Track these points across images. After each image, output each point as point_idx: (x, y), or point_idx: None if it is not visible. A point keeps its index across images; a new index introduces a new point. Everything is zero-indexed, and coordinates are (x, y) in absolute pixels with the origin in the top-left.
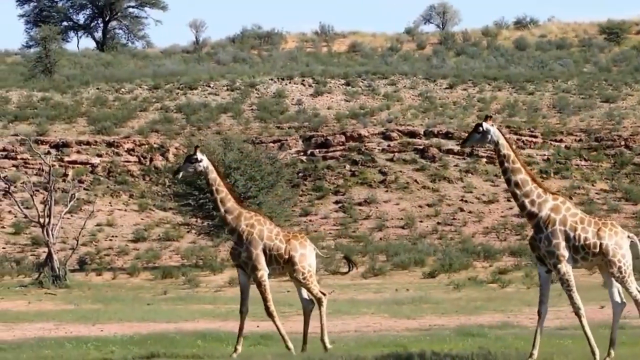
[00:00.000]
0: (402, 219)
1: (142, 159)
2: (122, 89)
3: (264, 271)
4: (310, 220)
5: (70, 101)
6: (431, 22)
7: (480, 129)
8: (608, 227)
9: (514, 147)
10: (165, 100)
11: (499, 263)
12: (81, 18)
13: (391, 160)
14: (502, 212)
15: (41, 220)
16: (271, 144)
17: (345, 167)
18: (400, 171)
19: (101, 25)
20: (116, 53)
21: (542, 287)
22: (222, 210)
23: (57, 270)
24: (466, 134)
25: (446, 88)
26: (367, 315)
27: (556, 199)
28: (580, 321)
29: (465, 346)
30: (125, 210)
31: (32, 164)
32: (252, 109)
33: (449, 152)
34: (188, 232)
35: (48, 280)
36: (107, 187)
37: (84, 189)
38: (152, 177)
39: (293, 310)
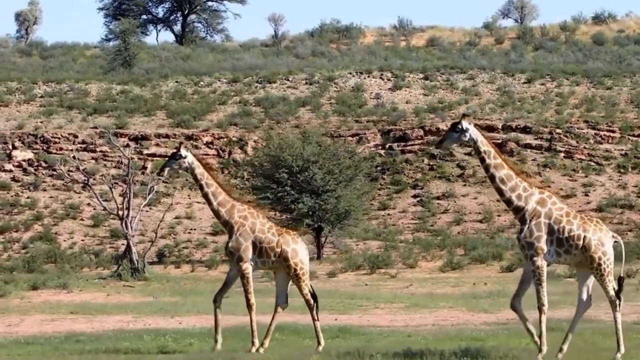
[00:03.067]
0: (480, 213)
1: (220, 152)
2: (201, 83)
3: (248, 264)
4: (388, 214)
5: (149, 94)
6: (509, 17)
7: (459, 127)
8: (593, 223)
9: (492, 143)
10: (244, 93)
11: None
12: (160, 11)
13: (469, 154)
14: (579, 206)
15: (120, 212)
16: (350, 138)
17: (423, 161)
18: (478, 165)
19: (180, 18)
20: (195, 46)
21: (522, 282)
22: (215, 203)
23: (136, 262)
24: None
25: (524, 83)
26: (445, 309)
27: (542, 192)
28: (540, 317)
29: (548, 340)
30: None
31: (111, 157)
32: (330, 103)
33: (527, 146)
34: None
35: (127, 273)
36: (186, 180)
37: (163, 181)
38: (230, 170)
39: (371, 304)
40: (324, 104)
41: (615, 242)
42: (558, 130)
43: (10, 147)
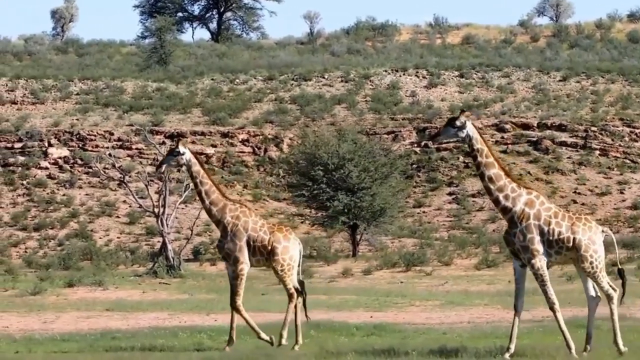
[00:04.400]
0: None
1: (256, 149)
2: (237, 80)
3: (245, 265)
4: (423, 212)
5: (185, 92)
6: (545, 15)
7: (457, 123)
8: (582, 222)
9: (488, 141)
10: (279, 91)
11: (611, 255)
12: (196, 9)
13: (504, 152)
14: (615, 204)
15: (156, 210)
16: (385, 136)
17: (458, 158)
18: (514, 163)
19: (216, 16)
20: (231, 44)
21: (517, 282)
22: (207, 202)
23: (172, 260)
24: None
25: (559, 80)
26: (480, 307)
27: (530, 193)
28: (555, 316)
29: (578, 338)
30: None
31: (147, 154)
32: (366, 101)
33: (563, 144)
34: (302, 222)
35: (162, 270)
36: (222, 177)
37: None
38: (266, 168)
39: (406, 301)
40: (360, 101)
41: (606, 235)
42: (593, 128)
43: (46, 144)
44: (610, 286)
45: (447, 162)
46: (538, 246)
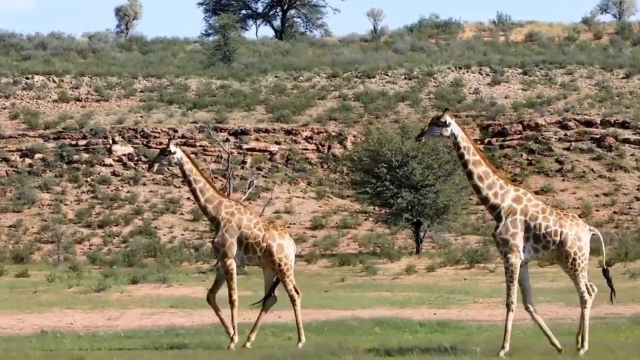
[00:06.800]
0: (578, 207)
1: (320, 146)
2: (301, 77)
3: (232, 260)
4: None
5: (249, 89)
6: (608, 12)
7: (441, 121)
8: (569, 218)
9: (472, 140)
10: (343, 88)
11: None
12: (260, 6)
13: (568, 149)
14: None
15: None
16: None
17: (522, 155)
18: (577, 160)
19: (280, 13)
20: (295, 41)
21: (522, 281)
22: (202, 200)
23: None
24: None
25: (623, 78)
26: (543, 304)
27: (518, 190)
28: (507, 314)
29: None
30: (303, 197)
31: (211, 151)
32: (429, 98)
33: (626, 141)
34: (365, 219)
35: None
36: (285, 174)
37: (262, 176)
38: (330, 165)
39: (470, 298)
40: (423, 98)
41: (593, 234)
42: None
43: (111, 141)
44: (587, 289)
45: (510, 159)
46: (519, 242)
